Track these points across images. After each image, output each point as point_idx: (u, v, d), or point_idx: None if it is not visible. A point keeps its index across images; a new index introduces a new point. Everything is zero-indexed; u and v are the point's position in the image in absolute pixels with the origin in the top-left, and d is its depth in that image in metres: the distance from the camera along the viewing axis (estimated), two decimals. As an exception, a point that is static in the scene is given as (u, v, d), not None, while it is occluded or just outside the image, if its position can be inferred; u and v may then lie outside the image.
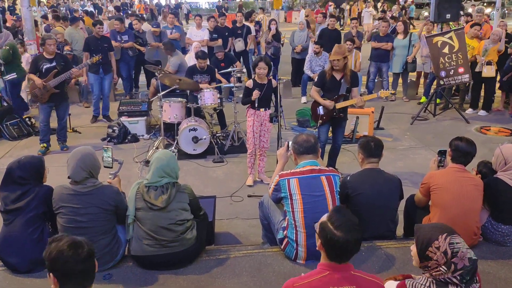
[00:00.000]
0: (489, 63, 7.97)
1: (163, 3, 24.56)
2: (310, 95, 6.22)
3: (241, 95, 5.63)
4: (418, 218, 3.71)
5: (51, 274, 1.98)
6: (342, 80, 5.30)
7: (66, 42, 9.42)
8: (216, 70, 7.78)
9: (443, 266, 2.11)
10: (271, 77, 5.58)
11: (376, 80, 9.63)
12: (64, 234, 2.12)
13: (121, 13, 15.32)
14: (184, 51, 9.83)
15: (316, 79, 5.62)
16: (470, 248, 3.52)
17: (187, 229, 3.36)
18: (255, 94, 5.28)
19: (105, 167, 3.61)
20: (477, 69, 8.12)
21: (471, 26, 8.64)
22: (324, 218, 2.20)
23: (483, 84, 8.36)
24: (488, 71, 8.00)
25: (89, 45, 7.96)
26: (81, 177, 3.26)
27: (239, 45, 10.33)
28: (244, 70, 10.41)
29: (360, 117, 6.99)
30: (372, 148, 3.71)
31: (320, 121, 5.48)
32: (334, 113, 5.39)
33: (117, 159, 3.75)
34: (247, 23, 11.03)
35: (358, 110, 7.02)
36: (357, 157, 3.90)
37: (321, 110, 5.45)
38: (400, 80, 9.59)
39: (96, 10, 20.65)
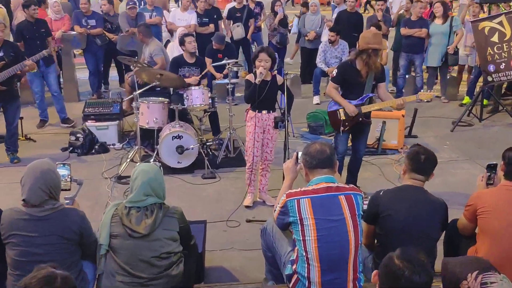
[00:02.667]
0: None
1: None
2: (325, 93, 6.23)
3: (241, 94, 5.65)
4: (462, 249, 3.72)
5: None
6: (368, 76, 5.30)
7: None
8: (211, 61, 7.82)
9: None
10: (275, 72, 5.60)
11: (407, 76, 9.68)
12: (43, 265, 2.16)
13: None
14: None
15: (334, 74, 5.54)
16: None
17: (172, 264, 3.36)
18: (259, 71, 5.22)
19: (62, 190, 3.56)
20: None
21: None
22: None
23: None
24: None
25: (22, 33, 7.71)
26: (41, 200, 3.23)
27: (237, 31, 10.17)
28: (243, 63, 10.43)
29: (387, 122, 6.98)
30: (420, 161, 3.65)
31: (342, 128, 5.43)
32: (360, 118, 5.36)
33: (76, 179, 3.74)
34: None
35: (385, 113, 7.00)
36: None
37: (343, 114, 5.40)
38: (438, 76, 9.64)
39: None
